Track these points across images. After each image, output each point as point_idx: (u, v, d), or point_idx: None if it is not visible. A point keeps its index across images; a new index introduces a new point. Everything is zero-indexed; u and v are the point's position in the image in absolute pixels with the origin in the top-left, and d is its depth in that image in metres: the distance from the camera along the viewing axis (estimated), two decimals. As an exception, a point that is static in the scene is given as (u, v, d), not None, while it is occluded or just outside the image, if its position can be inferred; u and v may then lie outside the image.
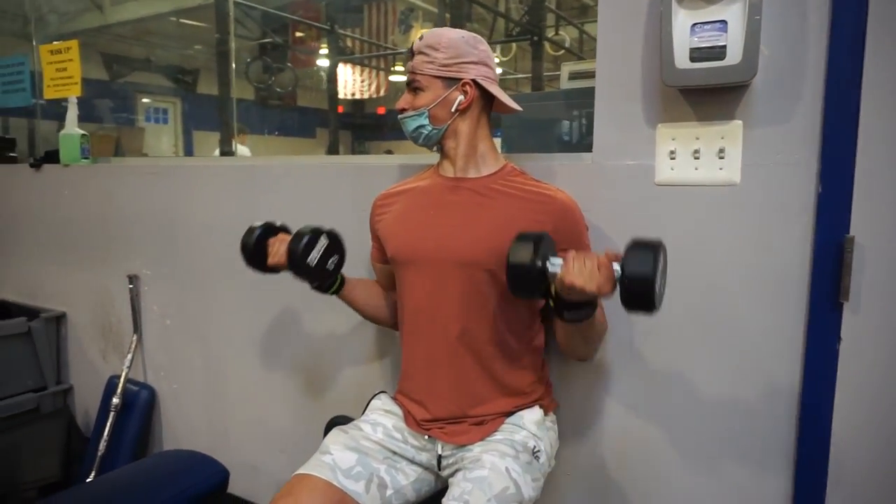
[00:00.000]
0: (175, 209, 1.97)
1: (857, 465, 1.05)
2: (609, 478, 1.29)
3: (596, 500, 1.32)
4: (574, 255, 0.95)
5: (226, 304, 1.89)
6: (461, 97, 1.16)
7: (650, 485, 1.25)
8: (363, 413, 1.26)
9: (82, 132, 2.24)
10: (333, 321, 1.65)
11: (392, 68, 7.11)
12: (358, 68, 6.94)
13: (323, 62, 6.31)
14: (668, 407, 1.21)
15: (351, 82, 7.40)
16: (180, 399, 2.07)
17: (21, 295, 2.52)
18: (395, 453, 1.17)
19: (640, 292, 0.88)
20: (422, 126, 1.18)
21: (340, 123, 7.23)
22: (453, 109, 1.16)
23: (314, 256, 1.19)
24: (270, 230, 1.28)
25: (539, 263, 0.94)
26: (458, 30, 1.18)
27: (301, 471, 1.11)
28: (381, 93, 7.24)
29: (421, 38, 1.18)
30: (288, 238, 1.23)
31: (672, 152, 1.15)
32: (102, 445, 2.02)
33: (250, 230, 1.28)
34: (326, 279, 1.24)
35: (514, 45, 5.98)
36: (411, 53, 1.19)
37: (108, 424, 2.04)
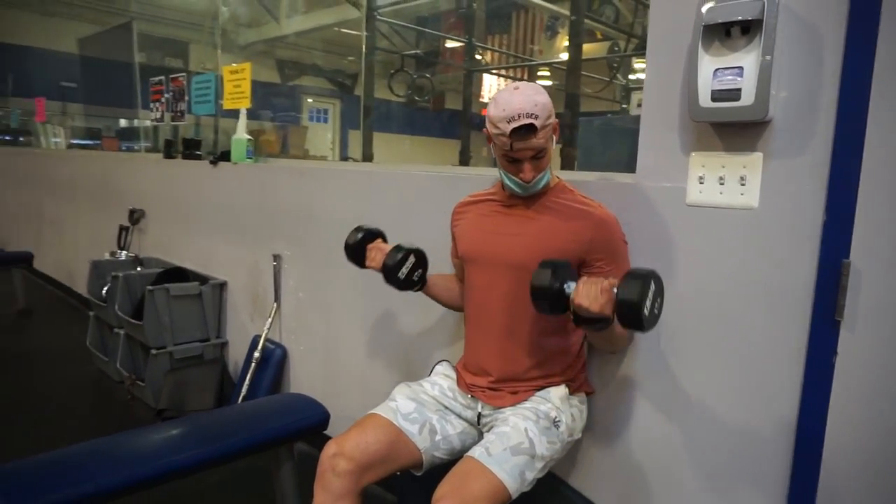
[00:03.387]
0: (311, 203, 2.42)
1: (849, 470, 1.16)
2: (625, 461, 1.48)
3: (608, 477, 1.51)
4: (584, 280, 1.18)
5: (343, 284, 2.29)
6: (553, 135, 1.36)
7: (660, 482, 1.42)
8: (429, 374, 1.56)
9: (248, 137, 2.78)
10: (425, 306, 1.97)
11: (537, 74, 7.30)
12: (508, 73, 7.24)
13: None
14: (684, 405, 1.38)
15: (495, 87, 7.76)
16: (305, 357, 2.53)
17: (197, 264, 3.15)
18: (446, 408, 1.46)
19: (629, 314, 1.10)
20: (547, 174, 1.37)
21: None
22: (553, 147, 1.37)
23: (404, 271, 1.51)
24: (371, 236, 1.60)
25: (556, 286, 1.18)
26: (527, 84, 1.32)
27: (371, 411, 1.43)
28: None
29: (519, 117, 1.24)
30: (383, 247, 1.54)
31: (701, 177, 1.32)
32: (244, 388, 2.54)
33: (354, 232, 1.60)
34: (412, 287, 1.55)
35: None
36: (527, 132, 1.26)
37: (250, 373, 2.55)
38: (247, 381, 2.53)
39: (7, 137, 7.51)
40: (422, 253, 1.55)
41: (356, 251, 1.59)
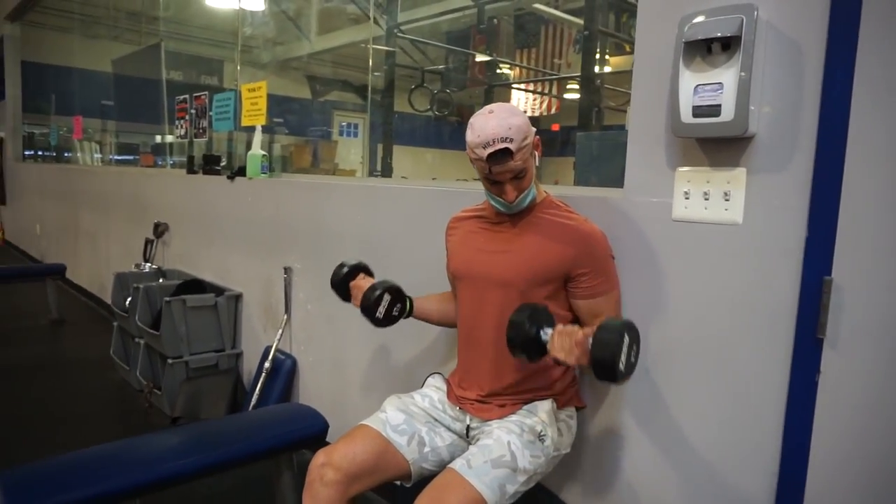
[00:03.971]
0: (319, 216, 2.47)
1: (834, 488, 1.14)
2: (615, 477, 1.47)
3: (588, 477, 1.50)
4: (560, 331, 1.18)
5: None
6: (535, 152, 1.37)
7: (649, 499, 1.41)
8: (422, 386, 1.58)
9: (263, 153, 2.86)
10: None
11: (566, 87, 7.28)
12: (532, 87, 7.26)
13: (519, 83, 6.77)
14: (670, 423, 1.37)
15: (524, 100, 7.80)
16: (313, 368, 2.57)
17: (215, 277, 3.24)
18: (436, 420, 1.48)
19: (603, 371, 1.11)
20: (531, 191, 1.38)
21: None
22: (537, 163, 1.39)
23: (381, 311, 1.54)
24: (354, 271, 1.62)
25: (532, 332, 1.19)
26: (502, 106, 1.31)
27: (362, 422, 1.46)
28: (553, 111, 7.48)
29: (494, 143, 1.25)
30: (362, 285, 1.57)
31: (686, 192, 1.32)
32: (255, 398, 2.59)
33: (339, 268, 1.62)
34: (393, 323, 1.58)
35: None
36: (503, 156, 1.27)
37: (260, 382, 2.60)
38: (257, 391, 2.58)
39: (50, 154, 7.84)
40: (396, 289, 1.57)
41: (341, 288, 1.62)
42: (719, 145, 1.26)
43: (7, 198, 8.58)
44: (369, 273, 1.68)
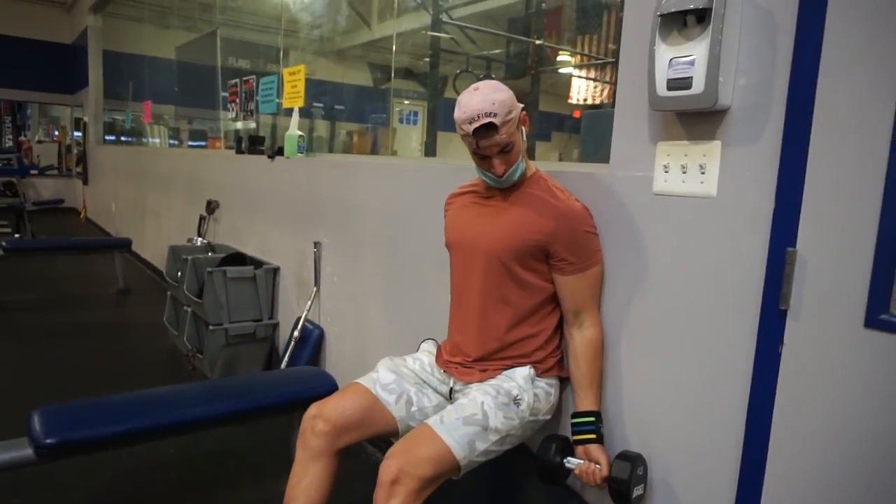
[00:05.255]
0: (345, 193, 2.59)
1: (795, 459, 1.14)
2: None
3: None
4: (586, 462, 1.38)
5: (368, 270, 2.44)
6: (522, 127, 1.43)
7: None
8: (417, 350, 1.67)
9: (300, 133, 3.01)
10: (442, 291, 2.08)
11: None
12: (593, 74, 7.15)
13: (567, 70, 6.71)
14: (649, 394, 1.39)
15: (584, 88, 7.69)
16: (338, 338, 2.71)
17: (257, 251, 3.43)
18: (424, 382, 1.56)
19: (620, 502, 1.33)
20: (520, 166, 1.43)
21: (575, 128, 7.54)
22: (524, 138, 1.45)
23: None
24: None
25: (557, 460, 1.41)
26: (487, 83, 1.36)
27: (355, 380, 1.56)
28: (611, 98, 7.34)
29: (479, 118, 1.30)
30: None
31: (665, 166, 1.33)
32: (283, 364, 2.75)
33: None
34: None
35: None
36: (487, 130, 1.32)
37: (289, 350, 2.76)
38: (286, 359, 2.74)
39: (126, 139, 8.39)
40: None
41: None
42: (696, 119, 1.27)
43: (90, 179, 9.25)
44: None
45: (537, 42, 5.74)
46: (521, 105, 1.42)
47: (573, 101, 7.17)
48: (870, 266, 1.02)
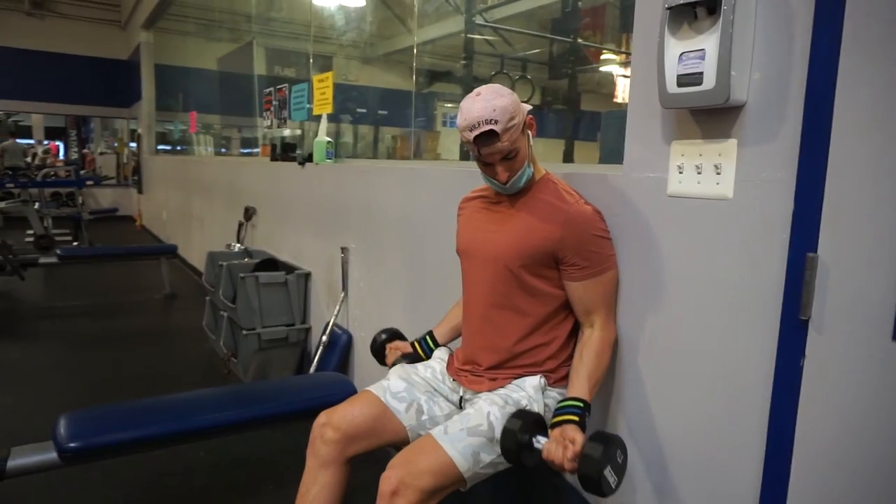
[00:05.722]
0: (369, 198, 2.59)
1: (819, 475, 1.06)
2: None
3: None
4: (555, 437, 1.21)
5: (391, 275, 2.43)
6: (529, 131, 1.39)
7: (642, 480, 1.37)
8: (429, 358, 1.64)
9: (328, 139, 3.03)
10: (459, 297, 2.05)
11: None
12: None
13: (609, 68, 6.58)
14: (663, 407, 1.32)
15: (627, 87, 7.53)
16: (365, 343, 2.70)
17: (290, 256, 3.48)
18: (435, 390, 1.53)
19: (590, 487, 1.14)
20: (526, 171, 1.37)
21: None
22: (531, 143, 1.40)
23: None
24: (389, 339, 1.78)
25: (525, 439, 1.23)
26: (489, 88, 1.31)
27: (366, 388, 1.54)
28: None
29: (479, 125, 1.26)
30: (400, 347, 1.73)
31: (680, 167, 1.27)
32: (312, 369, 2.77)
33: (379, 334, 1.79)
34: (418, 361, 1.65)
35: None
36: (489, 138, 1.28)
37: (318, 355, 2.78)
38: (314, 363, 2.76)
39: (176, 148, 8.70)
40: (412, 356, 1.68)
41: (378, 353, 1.78)
42: (710, 116, 1.20)
43: (144, 188, 9.64)
44: (402, 338, 1.80)
45: (579, 41, 5.64)
46: (529, 107, 1.38)
47: (618, 99, 7.03)
48: (897, 273, 0.93)
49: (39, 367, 3.43)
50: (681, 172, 1.27)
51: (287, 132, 3.99)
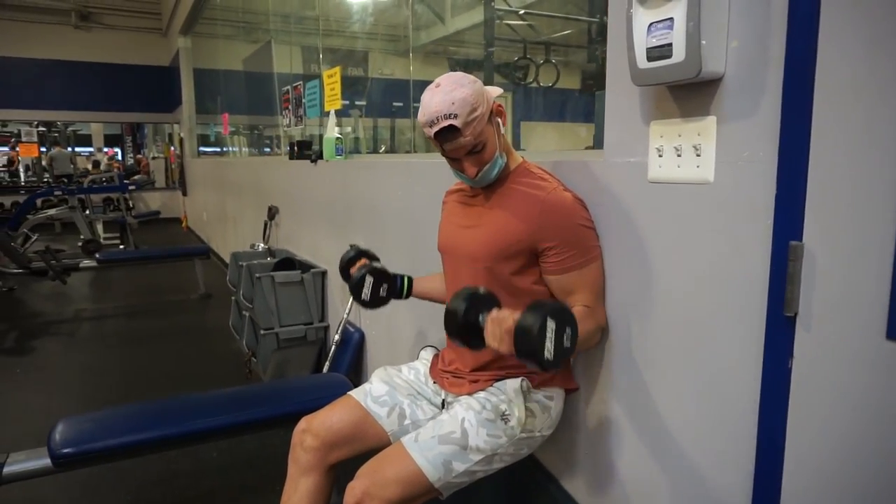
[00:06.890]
0: (372, 193, 2.54)
1: (811, 484, 0.95)
2: (608, 463, 1.35)
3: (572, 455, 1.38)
4: (492, 317, 1.06)
5: (397, 269, 2.37)
6: (498, 119, 1.29)
7: (635, 487, 1.27)
8: (416, 358, 1.58)
9: (337, 136, 3.00)
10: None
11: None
12: None
13: None
14: (651, 410, 1.22)
15: None
16: (375, 341, 2.67)
17: (308, 255, 3.48)
18: (418, 393, 1.47)
19: (527, 361, 1.02)
20: (497, 163, 1.29)
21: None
22: (503, 131, 1.32)
23: (366, 292, 1.52)
24: (358, 256, 1.62)
25: (471, 317, 1.09)
26: (448, 78, 1.23)
27: (348, 392, 1.50)
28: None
29: (438, 120, 1.18)
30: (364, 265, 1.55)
31: (659, 149, 1.16)
32: (325, 368, 2.76)
33: (348, 251, 1.63)
34: (383, 303, 1.56)
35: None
36: (449, 133, 1.20)
37: (331, 353, 2.76)
38: (328, 362, 2.75)
39: (215, 150, 8.90)
40: (380, 270, 1.54)
41: (345, 271, 1.63)
42: (689, 92, 1.08)
43: (188, 190, 9.93)
44: (374, 258, 1.66)
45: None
46: (499, 92, 1.29)
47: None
48: (891, 265, 0.81)
49: (75, 366, 3.56)
50: (660, 156, 1.16)
51: (307, 130, 3.98)
